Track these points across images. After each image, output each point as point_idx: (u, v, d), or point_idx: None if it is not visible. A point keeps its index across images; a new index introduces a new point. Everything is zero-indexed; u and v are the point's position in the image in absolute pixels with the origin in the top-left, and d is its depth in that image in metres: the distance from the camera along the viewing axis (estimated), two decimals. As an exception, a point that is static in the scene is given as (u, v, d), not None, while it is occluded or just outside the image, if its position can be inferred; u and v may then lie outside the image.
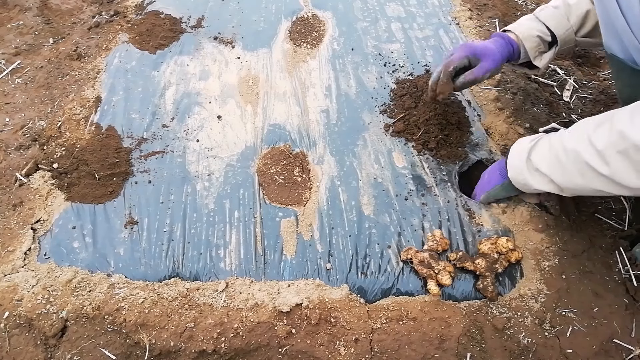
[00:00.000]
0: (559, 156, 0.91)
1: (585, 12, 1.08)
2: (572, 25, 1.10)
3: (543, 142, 0.98)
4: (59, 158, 1.23)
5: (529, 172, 0.99)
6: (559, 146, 0.92)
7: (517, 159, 1.02)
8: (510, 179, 1.04)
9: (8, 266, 1.04)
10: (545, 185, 0.97)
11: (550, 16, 1.11)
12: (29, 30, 1.65)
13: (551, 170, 0.94)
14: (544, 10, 1.14)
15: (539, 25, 1.12)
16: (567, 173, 0.90)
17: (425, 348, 0.93)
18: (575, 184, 0.90)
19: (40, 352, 0.93)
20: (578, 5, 1.08)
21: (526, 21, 1.15)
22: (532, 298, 1.00)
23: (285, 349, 0.93)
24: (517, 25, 1.16)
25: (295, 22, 1.66)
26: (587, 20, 1.09)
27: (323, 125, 1.35)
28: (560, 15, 1.10)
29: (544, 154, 0.96)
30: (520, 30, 1.14)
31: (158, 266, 1.07)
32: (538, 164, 0.97)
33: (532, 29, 1.12)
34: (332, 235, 1.11)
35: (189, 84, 1.45)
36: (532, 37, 1.12)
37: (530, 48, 1.13)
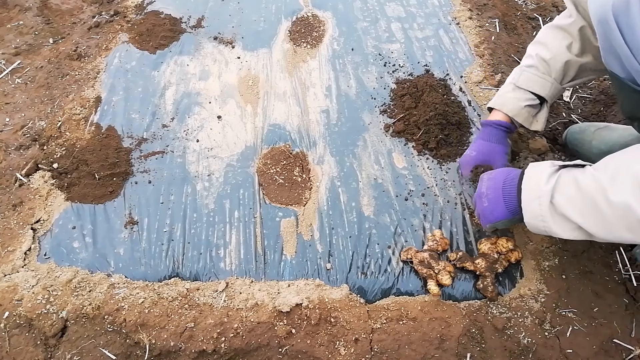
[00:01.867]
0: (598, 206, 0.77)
1: (564, 63, 1.03)
2: (555, 79, 1.05)
3: (567, 182, 0.83)
4: (59, 158, 1.23)
5: (552, 219, 0.84)
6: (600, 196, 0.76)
7: (535, 204, 0.86)
8: (527, 224, 0.90)
9: (8, 266, 1.04)
10: (572, 232, 0.84)
11: (530, 81, 1.07)
12: (29, 30, 1.65)
13: (584, 219, 0.80)
14: (521, 77, 1.08)
15: (524, 94, 1.08)
16: (609, 226, 0.77)
17: (425, 348, 0.93)
18: (618, 237, 0.77)
19: (40, 352, 0.93)
20: (555, 59, 1.04)
21: (509, 94, 1.10)
22: (532, 298, 1.00)
23: (285, 349, 0.93)
24: (503, 102, 1.11)
25: (295, 22, 1.66)
26: (569, 69, 1.04)
27: (323, 126, 1.35)
28: (539, 76, 1.06)
29: (573, 198, 0.81)
30: (508, 109, 1.09)
31: (158, 266, 1.07)
32: (564, 209, 0.82)
33: (519, 101, 1.08)
34: (332, 236, 1.11)
35: (189, 84, 1.45)
36: (520, 109, 1.08)
37: (523, 120, 1.09)
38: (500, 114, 1.12)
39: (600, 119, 1.43)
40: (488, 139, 1.12)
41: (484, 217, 1.00)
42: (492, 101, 1.15)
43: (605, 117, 1.43)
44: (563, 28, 1.04)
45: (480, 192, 1.01)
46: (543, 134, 1.32)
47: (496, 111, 1.13)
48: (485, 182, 1.01)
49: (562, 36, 1.03)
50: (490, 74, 1.46)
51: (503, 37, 1.60)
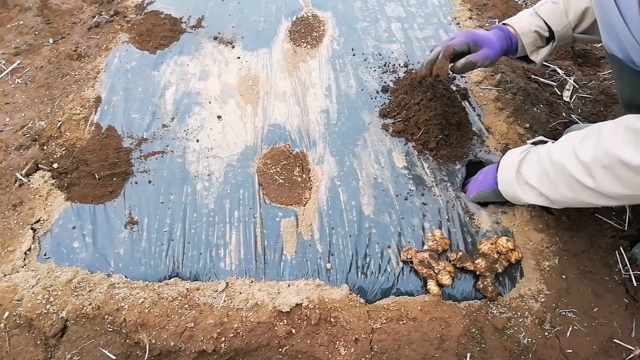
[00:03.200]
0: (547, 169, 0.93)
1: (584, 9, 1.08)
2: (570, 21, 1.10)
3: (532, 155, 0.99)
4: (59, 158, 1.23)
5: (518, 185, 1.00)
6: (547, 159, 0.93)
7: (507, 172, 1.03)
8: (500, 191, 1.05)
9: (8, 266, 1.04)
10: (534, 198, 0.98)
11: (549, 12, 1.12)
12: (29, 30, 1.65)
13: (540, 183, 0.95)
14: (543, 6, 1.14)
15: (538, 20, 1.13)
16: (556, 186, 0.92)
17: (425, 348, 0.93)
18: (565, 197, 0.92)
19: (40, 352, 0.93)
20: (577, 1, 1.09)
21: (525, 15, 1.16)
22: (532, 298, 1.00)
23: (285, 349, 0.93)
24: (516, 20, 1.17)
25: (295, 22, 1.66)
26: (585, 17, 1.09)
27: (323, 125, 1.35)
28: (559, 11, 1.11)
29: (533, 167, 0.97)
30: (518, 25, 1.15)
31: (158, 266, 1.07)
32: (528, 177, 0.98)
33: (531, 24, 1.13)
34: (332, 235, 1.11)
35: (189, 84, 1.45)
36: (530, 32, 1.13)
37: (527, 43, 1.14)
38: (510, 28, 1.16)
39: (600, 119, 1.43)
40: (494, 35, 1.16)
41: (473, 187, 1.16)
42: (508, 19, 1.19)
43: (605, 117, 1.43)
44: None
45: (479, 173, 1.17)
46: (543, 134, 1.32)
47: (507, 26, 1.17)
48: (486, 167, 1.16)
49: None
50: (490, 74, 1.46)
51: (503, 37, 1.60)
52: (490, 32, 1.18)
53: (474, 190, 1.16)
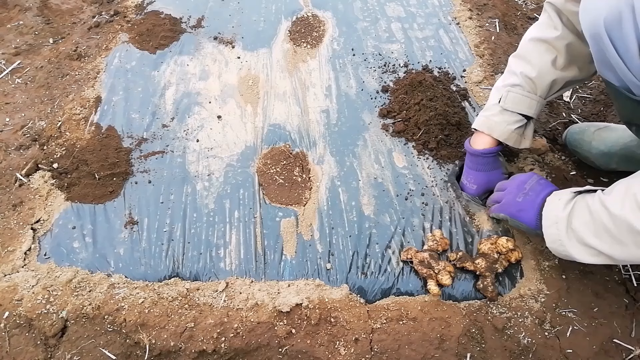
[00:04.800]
0: (606, 226, 0.80)
1: (551, 82, 1.02)
2: (541, 96, 1.05)
3: (581, 207, 0.86)
4: (59, 158, 1.23)
5: (571, 244, 0.87)
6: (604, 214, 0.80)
7: (554, 229, 0.89)
8: (550, 248, 0.93)
9: (8, 266, 1.04)
10: (592, 257, 0.86)
11: (517, 102, 1.05)
12: (29, 30, 1.65)
13: (600, 242, 0.82)
14: (508, 97, 1.06)
15: (511, 116, 1.06)
16: (621, 245, 0.79)
17: (425, 348, 0.93)
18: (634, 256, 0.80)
19: (40, 352, 0.93)
20: (541, 77, 1.02)
21: (497, 118, 1.07)
22: (532, 298, 1.00)
23: (285, 349, 0.93)
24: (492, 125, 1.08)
25: (295, 22, 1.66)
26: (555, 85, 1.04)
27: (323, 125, 1.35)
28: (526, 95, 1.04)
29: (587, 222, 0.84)
30: (497, 134, 1.07)
31: (158, 266, 1.07)
32: (583, 235, 0.84)
33: (508, 125, 1.06)
34: (332, 235, 1.11)
35: (189, 84, 1.45)
36: (510, 133, 1.07)
37: (513, 143, 1.08)
38: (488, 139, 1.09)
39: (600, 119, 1.43)
40: (483, 169, 1.11)
41: (507, 207, 1.00)
42: (478, 123, 1.11)
43: (605, 117, 1.43)
44: (547, 41, 1.01)
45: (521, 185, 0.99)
46: (543, 134, 1.32)
47: (482, 135, 1.10)
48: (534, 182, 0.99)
49: (546, 49, 1.02)
50: (490, 74, 1.46)
51: (503, 37, 1.60)
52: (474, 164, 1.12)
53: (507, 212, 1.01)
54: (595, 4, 0.76)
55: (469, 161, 1.14)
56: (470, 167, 1.14)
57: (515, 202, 0.99)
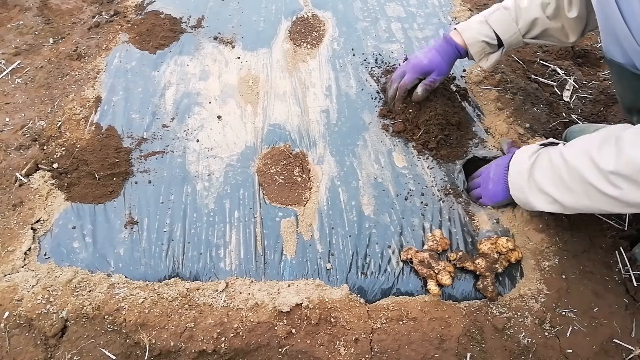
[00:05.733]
0: (562, 176, 0.89)
1: (533, 19, 1.09)
2: (520, 29, 1.12)
3: (543, 159, 0.96)
4: (59, 158, 1.23)
5: (530, 192, 0.97)
6: (561, 165, 0.90)
7: (518, 178, 1.00)
8: (513, 197, 1.03)
9: (8, 266, 1.04)
10: (547, 205, 0.95)
11: (498, 21, 1.14)
12: (29, 30, 1.65)
13: (555, 190, 0.92)
14: (494, 14, 1.15)
15: (487, 29, 1.15)
16: (572, 194, 0.88)
17: (425, 348, 0.93)
18: (581, 205, 0.89)
19: (40, 352, 0.93)
20: (527, 10, 1.10)
21: (476, 24, 1.18)
22: (532, 298, 1.00)
23: (285, 349, 0.93)
24: (466, 28, 1.19)
25: (295, 22, 1.66)
26: (535, 26, 1.11)
27: (323, 125, 1.35)
28: (508, 19, 1.12)
29: (546, 172, 0.94)
30: (467, 35, 1.18)
31: (158, 266, 1.07)
32: (541, 183, 0.94)
33: (479, 34, 1.16)
34: (332, 235, 1.11)
35: (189, 84, 1.45)
36: (477, 42, 1.16)
37: (475, 52, 1.19)
38: (459, 37, 1.20)
39: (600, 119, 1.43)
40: (441, 54, 1.22)
41: (486, 198, 1.13)
42: (460, 24, 1.22)
43: (605, 117, 1.43)
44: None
45: (486, 176, 1.13)
46: (543, 134, 1.32)
47: (457, 33, 1.21)
48: (494, 168, 1.11)
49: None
50: (490, 74, 1.46)
51: (503, 37, 1.60)
52: (437, 45, 1.23)
53: (489, 200, 1.13)
54: None
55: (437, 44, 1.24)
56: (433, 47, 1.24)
57: (488, 190, 1.12)
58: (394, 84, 1.29)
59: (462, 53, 1.22)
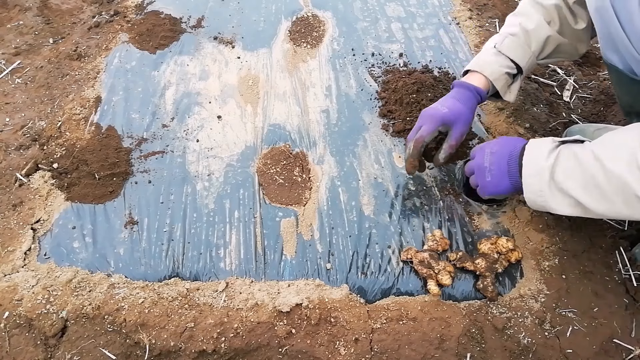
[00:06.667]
0: (597, 181, 0.78)
1: (545, 38, 1.05)
2: (534, 52, 1.07)
3: (567, 158, 0.83)
4: (59, 158, 1.23)
5: (550, 194, 0.85)
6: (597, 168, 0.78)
7: (536, 179, 0.86)
8: (525, 199, 0.91)
9: (8, 266, 1.04)
10: (569, 208, 0.84)
11: (512, 48, 1.07)
12: (29, 30, 1.65)
13: (586, 195, 0.80)
14: (504, 42, 1.08)
15: (504, 59, 1.08)
16: (607, 201, 0.78)
17: (425, 348, 0.93)
18: (614, 212, 0.79)
19: (40, 352, 0.93)
20: (537, 31, 1.05)
21: (491, 57, 1.09)
22: (532, 298, 1.00)
23: (285, 349, 0.93)
24: (484, 64, 1.09)
25: (295, 22, 1.66)
26: (547, 45, 1.06)
27: (323, 125, 1.35)
28: (521, 44, 1.07)
29: (573, 173, 0.81)
30: (489, 72, 1.08)
31: (158, 266, 1.07)
32: (567, 186, 0.82)
33: (500, 67, 1.07)
34: (332, 235, 1.11)
35: (189, 84, 1.45)
36: (502, 75, 1.08)
37: (501, 87, 1.09)
38: (477, 77, 1.09)
39: (600, 119, 1.43)
40: (461, 100, 1.08)
41: (486, 189, 1.00)
42: (471, 64, 1.12)
43: (605, 117, 1.43)
44: (543, 5, 1.06)
45: (481, 165, 0.99)
46: (543, 134, 1.32)
47: (473, 74, 1.10)
48: (488, 156, 0.98)
49: (543, 12, 1.06)
50: (490, 74, 1.46)
51: (503, 37, 1.60)
52: (454, 93, 1.09)
53: (488, 192, 1.00)
54: None
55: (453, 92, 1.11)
56: (450, 95, 1.10)
57: (487, 182, 0.98)
58: (410, 143, 1.08)
59: (483, 96, 1.09)
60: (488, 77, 1.07)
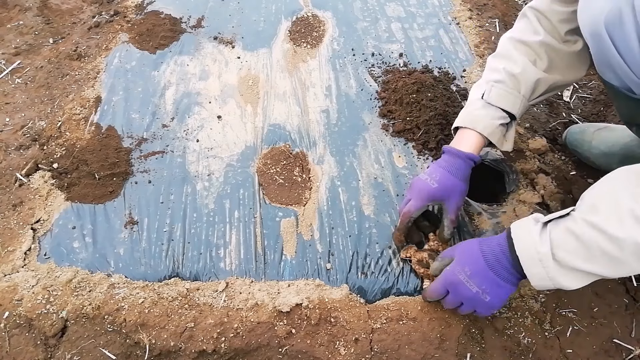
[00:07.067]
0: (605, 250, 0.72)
1: (535, 81, 0.97)
2: (524, 95, 0.99)
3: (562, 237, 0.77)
4: (59, 158, 1.23)
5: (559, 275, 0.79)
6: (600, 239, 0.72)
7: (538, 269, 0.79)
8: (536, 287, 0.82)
9: (8, 266, 1.04)
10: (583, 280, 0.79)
11: (502, 98, 0.99)
12: (29, 30, 1.65)
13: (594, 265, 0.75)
14: (492, 92, 1.00)
15: (495, 111, 1.00)
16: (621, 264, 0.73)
17: (425, 348, 0.93)
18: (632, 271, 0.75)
19: (40, 352, 0.93)
20: (524, 75, 0.97)
21: (481, 111, 1.01)
22: (532, 298, 1.00)
23: (285, 349, 0.93)
24: (474, 120, 1.01)
25: (295, 22, 1.66)
26: (539, 86, 0.99)
27: (323, 125, 1.35)
28: (510, 91, 0.99)
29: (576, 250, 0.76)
30: (482, 127, 0.99)
31: (158, 266, 1.07)
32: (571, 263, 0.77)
33: (492, 119, 0.99)
34: (332, 235, 1.11)
35: (189, 84, 1.45)
36: (496, 129, 0.99)
37: (497, 140, 1.01)
38: (470, 135, 1.01)
39: (600, 119, 1.43)
40: (452, 172, 1.00)
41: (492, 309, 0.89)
42: (460, 119, 1.03)
43: (605, 117, 1.43)
44: (527, 44, 0.99)
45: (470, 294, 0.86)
46: (543, 134, 1.32)
47: (465, 131, 1.02)
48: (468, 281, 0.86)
49: (526, 52, 0.99)
50: (490, 74, 1.46)
51: (503, 37, 1.60)
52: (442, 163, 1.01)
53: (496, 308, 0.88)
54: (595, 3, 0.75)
55: (444, 161, 1.02)
56: (440, 165, 1.02)
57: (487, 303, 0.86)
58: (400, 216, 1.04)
59: (477, 161, 1.01)
60: (481, 133, 1.00)
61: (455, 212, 1.01)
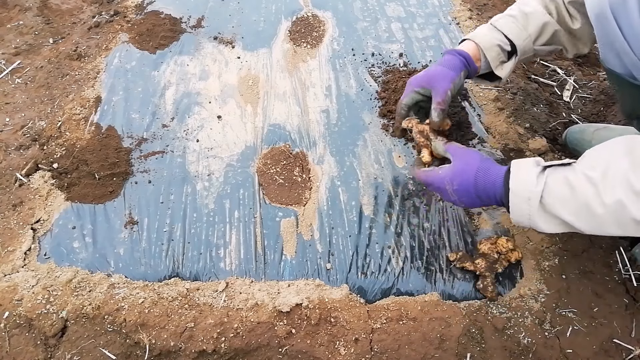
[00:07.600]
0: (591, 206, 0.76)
1: (543, 24, 1.03)
2: (530, 34, 1.05)
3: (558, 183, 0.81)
4: (59, 158, 1.23)
5: (539, 216, 0.83)
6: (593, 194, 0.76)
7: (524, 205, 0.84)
8: (511, 219, 0.88)
9: (8, 266, 1.04)
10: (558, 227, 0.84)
11: (508, 25, 1.06)
12: (29, 30, 1.65)
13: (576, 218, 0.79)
14: (501, 20, 1.08)
15: (498, 34, 1.06)
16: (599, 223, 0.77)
17: (425, 348, 0.93)
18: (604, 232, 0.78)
19: (40, 352, 0.93)
20: (535, 15, 1.04)
21: (486, 30, 1.08)
22: (532, 298, 1.01)
23: (285, 349, 0.93)
24: (477, 35, 1.09)
25: (295, 22, 1.66)
26: (545, 31, 1.05)
27: (323, 125, 1.35)
28: (518, 25, 1.05)
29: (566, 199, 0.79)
30: (480, 40, 1.06)
31: (158, 266, 1.07)
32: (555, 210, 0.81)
33: (493, 38, 1.06)
34: (332, 235, 1.11)
35: (189, 84, 1.45)
36: (493, 46, 1.06)
37: (492, 58, 1.06)
38: (468, 44, 1.07)
39: (600, 119, 1.43)
40: (444, 64, 1.05)
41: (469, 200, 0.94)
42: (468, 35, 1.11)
43: (605, 117, 1.43)
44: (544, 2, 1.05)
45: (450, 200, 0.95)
46: (543, 134, 1.32)
47: (465, 42, 1.09)
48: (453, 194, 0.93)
49: (542, 2, 1.05)
50: (490, 74, 1.46)
51: (503, 37, 1.60)
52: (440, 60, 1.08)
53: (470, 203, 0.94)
54: None
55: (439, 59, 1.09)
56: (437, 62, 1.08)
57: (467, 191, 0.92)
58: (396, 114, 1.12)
59: (471, 64, 1.06)
60: (479, 44, 1.06)
61: (441, 96, 1.02)
